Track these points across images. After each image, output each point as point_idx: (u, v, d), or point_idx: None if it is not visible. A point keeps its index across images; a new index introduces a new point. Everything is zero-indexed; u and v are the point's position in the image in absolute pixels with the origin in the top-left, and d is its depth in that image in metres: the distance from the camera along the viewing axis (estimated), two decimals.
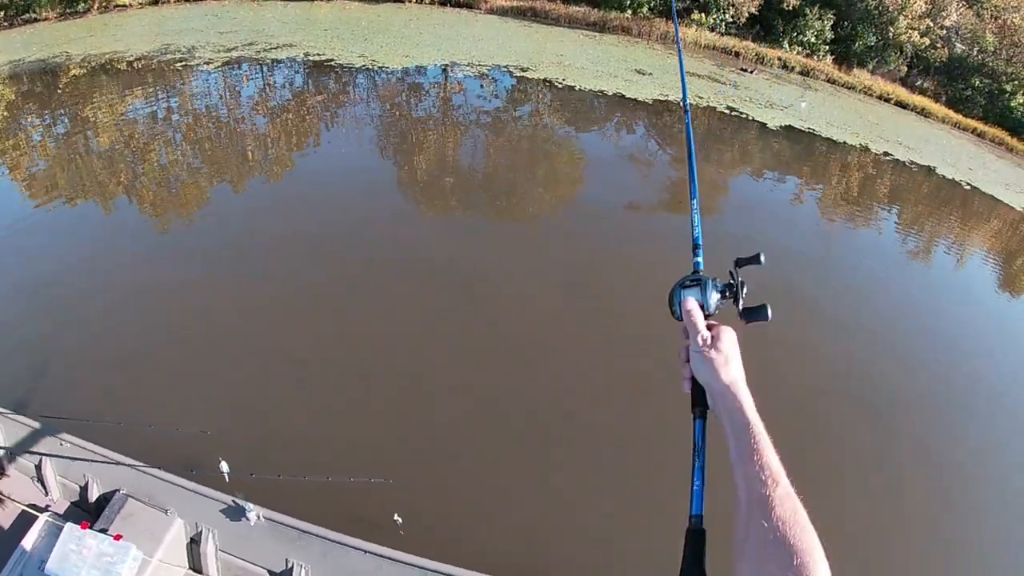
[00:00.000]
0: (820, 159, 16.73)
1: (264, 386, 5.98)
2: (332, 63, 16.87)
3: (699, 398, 1.32)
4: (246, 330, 6.64)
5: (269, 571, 3.72)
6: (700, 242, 1.58)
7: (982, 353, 9.21)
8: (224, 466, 3.81)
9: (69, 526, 3.50)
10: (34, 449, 3.94)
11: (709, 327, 1.33)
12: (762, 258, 1.41)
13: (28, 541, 3.52)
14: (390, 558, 3.59)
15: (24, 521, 3.70)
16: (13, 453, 4.02)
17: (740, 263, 1.41)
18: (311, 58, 17.06)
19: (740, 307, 1.34)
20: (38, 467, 4.00)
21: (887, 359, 8.32)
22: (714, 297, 1.37)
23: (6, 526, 3.85)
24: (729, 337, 1.29)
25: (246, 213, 9.20)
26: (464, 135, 14.16)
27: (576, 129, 15.48)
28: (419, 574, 3.55)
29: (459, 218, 10.45)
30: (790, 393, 7.08)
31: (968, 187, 16.51)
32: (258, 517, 3.70)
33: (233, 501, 3.74)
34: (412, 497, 4.50)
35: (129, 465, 3.82)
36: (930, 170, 17.13)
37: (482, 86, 17.25)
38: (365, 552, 3.61)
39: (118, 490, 3.86)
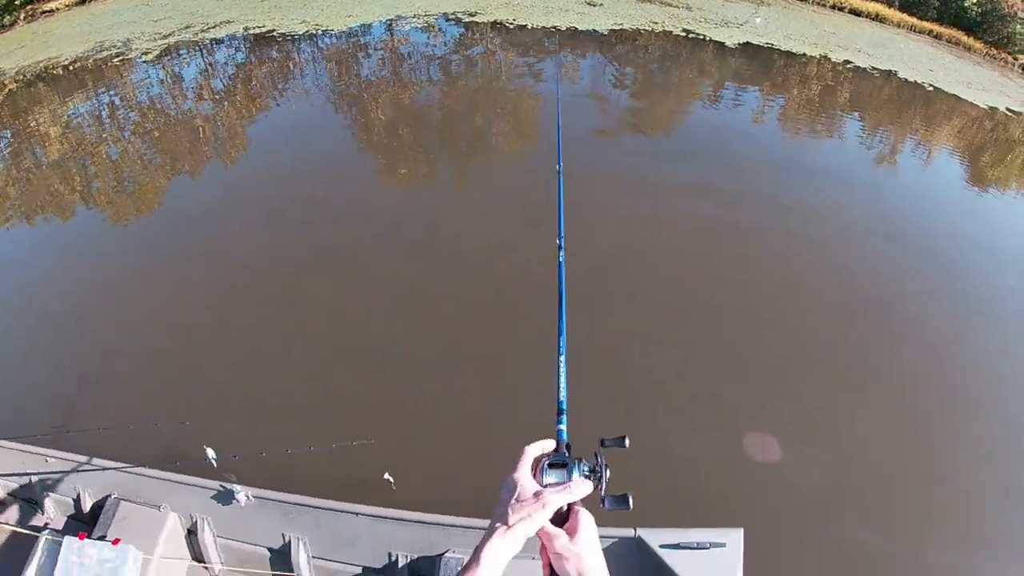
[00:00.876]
0: (781, 73, 16.44)
1: (234, 368, 5.99)
2: (274, 33, 16.38)
3: None
4: (209, 316, 6.62)
5: (268, 548, 3.77)
6: (565, 407, 1.39)
7: (957, 247, 9.24)
8: (210, 452, 3.81)
9: (68, 539, 3.52)
10: (21, 471, 3.95)
11: (566, 516, 1.19)
12: (626, 442, 1.31)
13: (31, 563, 3.54)
14: (383, 516, 3.63)
15: (25, 544, 3.71)
16: (2, 478, 4.04)
17: (605, 444, 1.32)
18: (252, 32, 16.53)
19: (603, 492, 1.22)
20: (29, 489, 4.01)
21: (866, 261, 8.37)
22: None
23: (8, 552, 3.88)
24: (590, 527, 1.17)
25: (202, 200, 9.04)
26: (417, 90, 13.82)
27: (530, 69, 15.10)
28: (412, 527, 3.60)
29: (421, 175, 10.27)
30: (781, 299, 7.29)
31: (930, 88, 16.30)
32: (248, 498, 3.73)
33: (222, 486, 3.76)
34: (397, 454, 4.52)
35: (116, 468, 3.83)
36: (891, 74, 16.83)
37: (429, 37, 16.73)
38: (357, 514, 3.65)
39: (110, 495, 3.88)
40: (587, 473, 1.22)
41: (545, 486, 1.17)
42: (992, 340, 7.28)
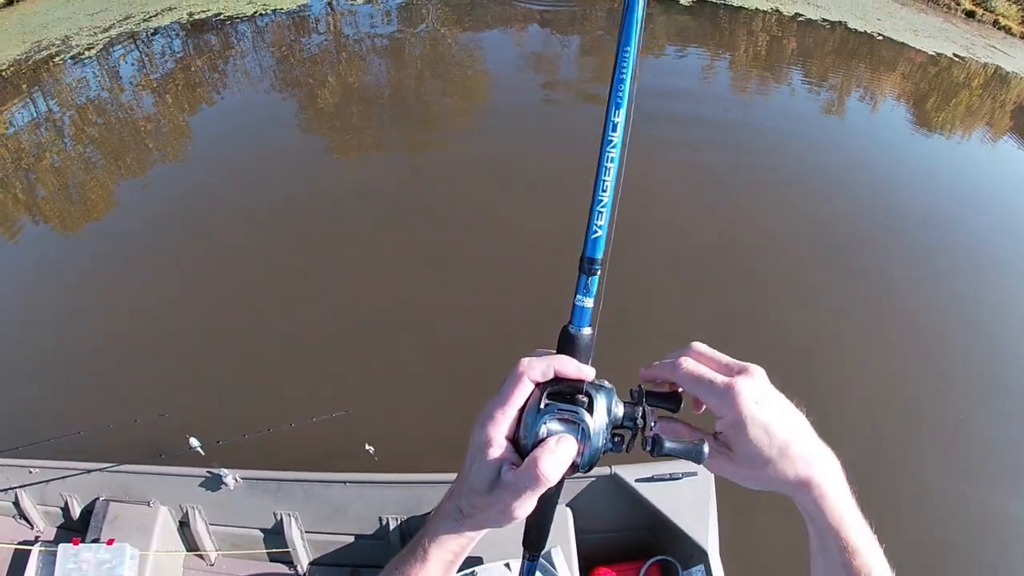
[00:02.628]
0: (733, 28, 16.08)
1: (205, 355, 5.92)
2: (221, 16, 15.83)
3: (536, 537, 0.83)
4: (171, 308, 6.53)
5: (261, 529, 3.78)
6: (600, 255, 0.76)
7: (909, 187, 9.33)
8: (194, 441, 3.76)
9: (62, 547, 3.50)
10: (6, 487, 3.91)
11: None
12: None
13: None
14: (370, 482, 3.64)
15: (19, 560, 3.68)
16: None
17: (647, 399, 0.78)
18: (196, 17, 15.97)
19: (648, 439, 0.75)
20: (15, 503, 3.96)
21: (826, 205, 8.42)
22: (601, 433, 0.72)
23: (3, 571, 3.83)
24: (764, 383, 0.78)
25: (149, 198, 8.77)
26: (363, 65, 13.49)
27: (476, 33, 14.78)
28: (400, 489, 3.60)
29: (375, 146, 10.14)
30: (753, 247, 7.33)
31: (880, 37, 16.04)
32: (236, 480, 3.71)
33: (208, 472, 3.73)
34: (375, 421, 4.52)
35: (101, 470, 3.79)
36: (841, 25, 16.58)
37: (373, 6, 16.24)
38: (345, 483, 3.65)
39: (98, 497, 3.84)
40: (617, 425, 0.74)
41: (530, 443, 0.70)
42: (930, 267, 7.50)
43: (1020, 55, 16.27)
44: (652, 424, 0.76)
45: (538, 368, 0.72)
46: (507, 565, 3.09)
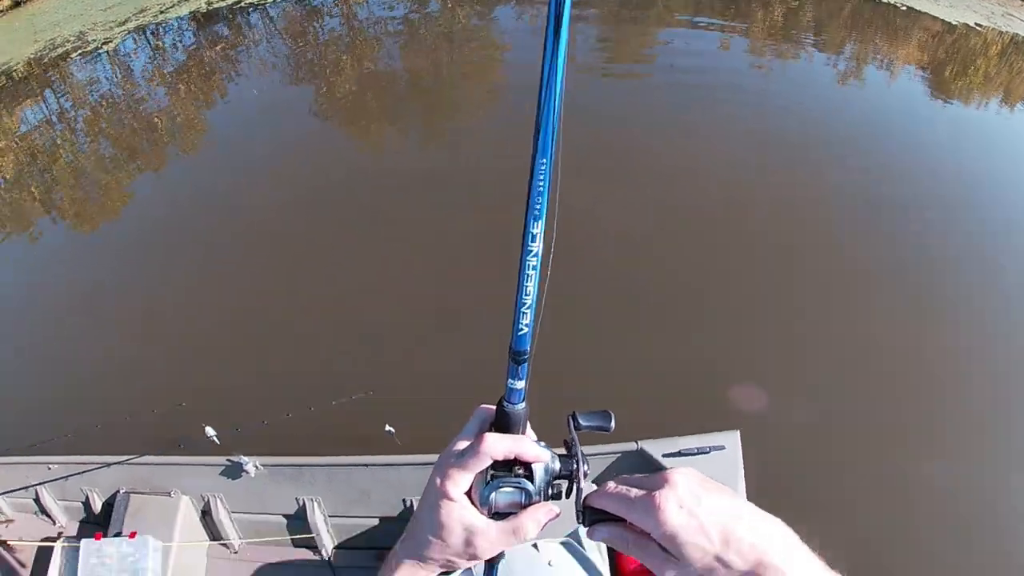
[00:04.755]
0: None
1: (221, 342, 5.85)
2: (241, 4, 15.69)
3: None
4: (186, 295, 6.51)
5: (284, 515, 3.68)
6: (528, 348, 0.82)
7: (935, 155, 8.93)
8: (210, 430, 3.66)
9: (85, 542, 3.42)
10: (26, 484, 3.85)
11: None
12: (612, 423, 0.86)
13: (52, 574, 3.46)
14: (393, 464, 3.52)
15: (43, 556, 3.63)
16: (8, 496, 3.92)
17: (579, 425, 0.86)
18: (215, 5, 15.88)
19: (579, 504, 0.83)
20: (37, 500, 3.88)
21: (853, 172, 8.08)
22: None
23: (27, 570, 3.79)
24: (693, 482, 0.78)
25: (168, 188, 8.81)
26: (378, 48, 13.34)
27: (490, 11, 14.54)
28: (424, 471, 3.47)
29: (393, 130, 9.98)
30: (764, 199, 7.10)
31: (904, 8, 15.54)
32: (256, 467, 3.60)
33: (229, 460, 3.63)
34: (396, 403, 4.37)
35: (121, 463, 3.71)
36: None
37: None
38: (367, 465, 3.54)
39: (119, 490, 3.76)
40: (556, 475, 0.83)
41: (492, 513, 0.81)
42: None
43: None
44: (586, 468, 0.82)
45: (500, 449, 0.79)
46: (535, 545, 2.98)
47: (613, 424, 0.86)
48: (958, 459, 4.78)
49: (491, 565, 0.91)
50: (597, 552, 3.13)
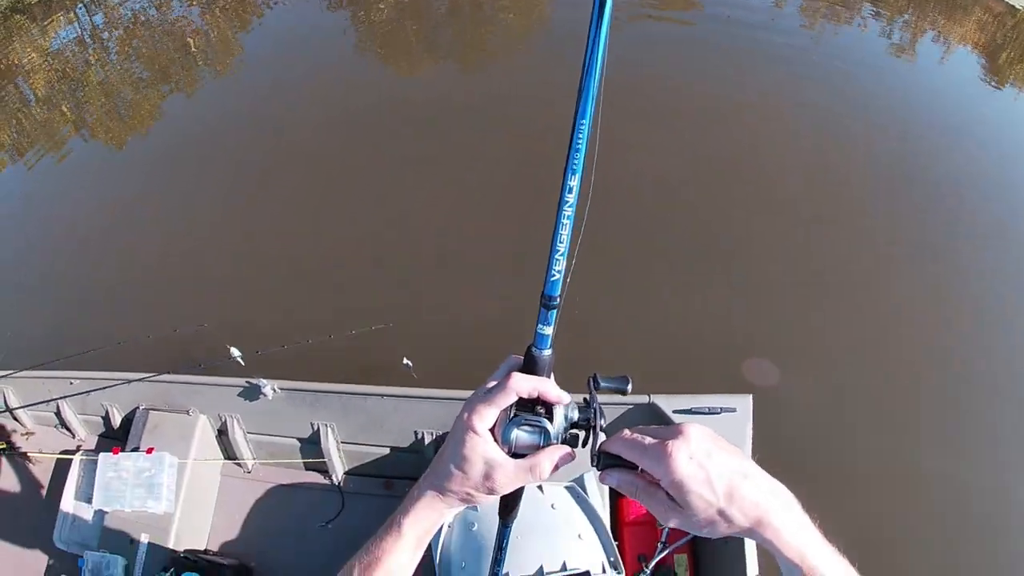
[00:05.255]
0: None
1: (247, 266, 5.86)
2: None
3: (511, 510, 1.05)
4: (214, 217, 6.49)
5: (298, 438, 3.70)
6: (558, 294, 0.87)
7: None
8: (234, 351, 3.66)
9: (103, 456, 3.47)
10: (49, 398, 3.89)
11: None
12: (629, 386, 0.91)
13: (70, 486, 3.53)
14: (407, 396, 3.51)
15: (62, 469, 3.70)
16: (30, 409, 3.98)
17: (599, 385, 0.92)
18: None
19: (594, 449, 0.87)
20: (58, 414, 3.94)
21: (892, 142, 7.84)
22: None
23: (46, 480, 3.87)
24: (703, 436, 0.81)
25: (199, 111, 8.74)
26: None
27: None
28: (436, 404, 3.46)
29: (431, 61, 9.84)
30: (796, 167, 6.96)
31: None
32: (274, 390, 3.60)
33: (247, 382, 3.64)
34: (415, 337, 4.37)
35: (141, 380, 3.73)
36: None
37: None
38: (382, 396, 3.52)
39: (138, 407, 3.80)
40: (571, 425, 0.87)
41: (512, 452, 0.85)
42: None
43: None
44: (603, 422, 0.87)
45: (525, 387, 0.84)
46: (540, 488, 3.00)
47: (630, 388, 0.91)
48: (968, 449, 4.70)
49: (509, 502, 1.03)
50: (599, 498, 3.13)
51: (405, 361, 3.72)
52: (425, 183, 6.63)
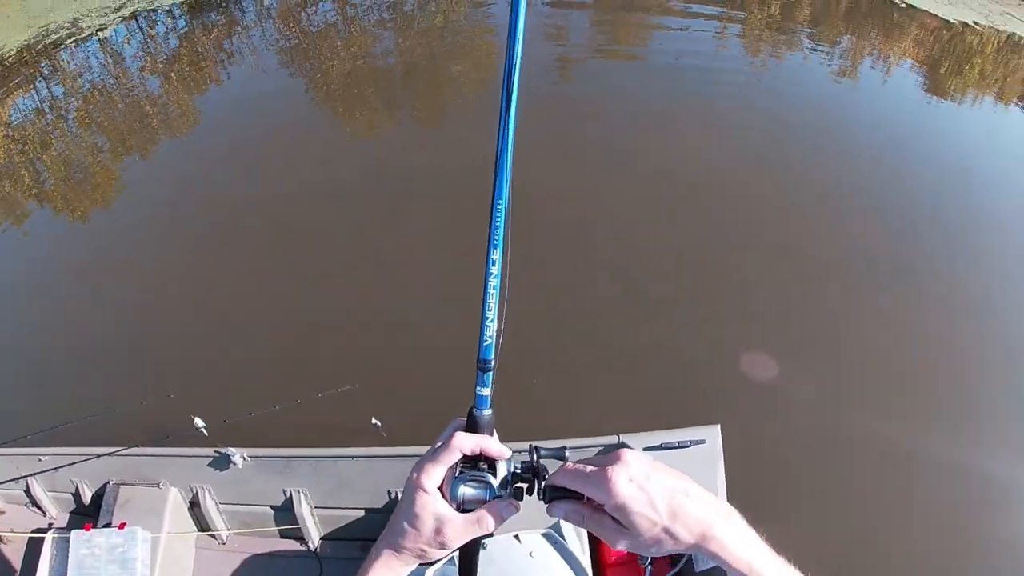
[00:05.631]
0: None
1: (209, 334, 5.85)
2: None
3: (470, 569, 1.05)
4: (172, 287, 6.48)
5: (271, 506, 3.70)
6: (493, 357, 0.96)
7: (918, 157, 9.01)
8: (199, 421, 3.69)
9: (75, 533, 3.43)
10: (17, 476, 3.87)
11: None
12: (567, 454, 0.93)
13: (43, 566, 3.46)
14: (378, 456, 3.54)
15: (34, 547, 3.64)
16: (0, 488, 3.96)
17: (540, 453, 0.94)
18: None
19: (539, 491, 0.93)
20: (28, 492, 3.89)
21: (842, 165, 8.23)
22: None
23: (18, 561, 3.81)
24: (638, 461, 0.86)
25: (160, 179, 8.69)
26: (372, 37, 13.24)
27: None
28: (408, 462, 3.48)
29: (389, 121, 9.97)
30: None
31: (904, 5, 15.49)
32: (244, 458, 3.62)
33: (216, 451, 3.66)
34: (382, 396, 4.42)
35: (110, 454, 3.73)
36: None
37: None
38: (353, 457, 3.56)
39: (108, 481, 3.78)
40: (515, 478, 0.92)
41: (461, 507, 0.90)
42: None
43: None
44: (546, 476, 0.91)
45: (468, 445, 0.90)
46: (516, 537, 3.01)
47: (569, 456, 0.93)
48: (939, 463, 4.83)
49: (468, 558, 1.02)
50: (578, 543, 3.16)
51: (374, 421, 3.77)
52: (384, 244, 6.75)
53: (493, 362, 0.95)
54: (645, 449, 3.27)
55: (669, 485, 0.83)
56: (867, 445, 4.86)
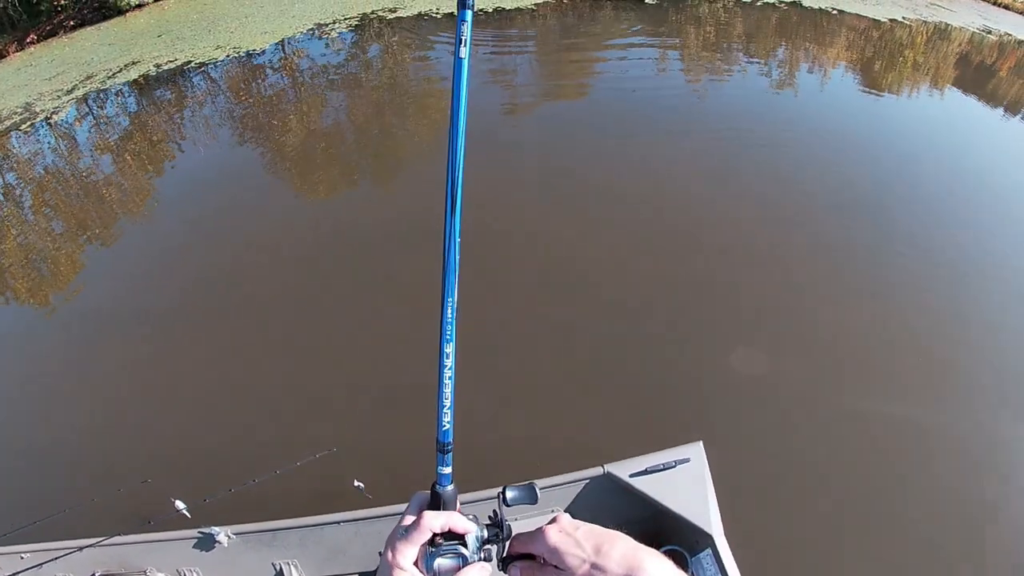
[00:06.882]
0: (683, 16, 16.35)
1: (178, 415, 5.80)
2: (191, 64, 15.56)
3: None
4: (141, 371, 6.44)
5: None
6: (451, 439, 1.02)
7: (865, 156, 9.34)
8: (179, 504, 3.64)
9: None
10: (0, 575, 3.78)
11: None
12: (537, 492, 1.02)
13: None
14: (365, 518, 3.52)
15: None
16: None
17: (507, 501, 1.02)
18: (165, 67, 15.67)
19: (502, 556, 1.01)
20: None
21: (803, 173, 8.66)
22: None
23: None
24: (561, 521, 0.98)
25: (120, 261, 8.72)
26: (324, 100, 13.40)
27: (429, 55, 14.82)
28: (394, 522, 3.45)
29: (344, 183, 10.07)
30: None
31: (835, 12, 16.24)
32: (228, 536, 3.57)
33: (200, 532, 3.61)
34: (362, 457, 4.41)
35: (93, 545, 3.66)
36: (797, 4, 16.84)
37: (328, 46, 16.12)
38: (340, 522, 3.53)
39: (94, 573, 3.71)
40: (485, 541, 0.98)
41: (427, 569, 0.94)
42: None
43: (961, 10, 16.68)
44: (509, 536, 1.00)
45: (437, 524, 0.95)
46: None
47: (539, 496, 1.02)
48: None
49: None
50: None
51: (356, 483, 3.75)
52: (345, 309, 6.77)
53: (451, 445, 1.01)
54: (632, 475, 3.29)
55: (595, 531, 0.94)
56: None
